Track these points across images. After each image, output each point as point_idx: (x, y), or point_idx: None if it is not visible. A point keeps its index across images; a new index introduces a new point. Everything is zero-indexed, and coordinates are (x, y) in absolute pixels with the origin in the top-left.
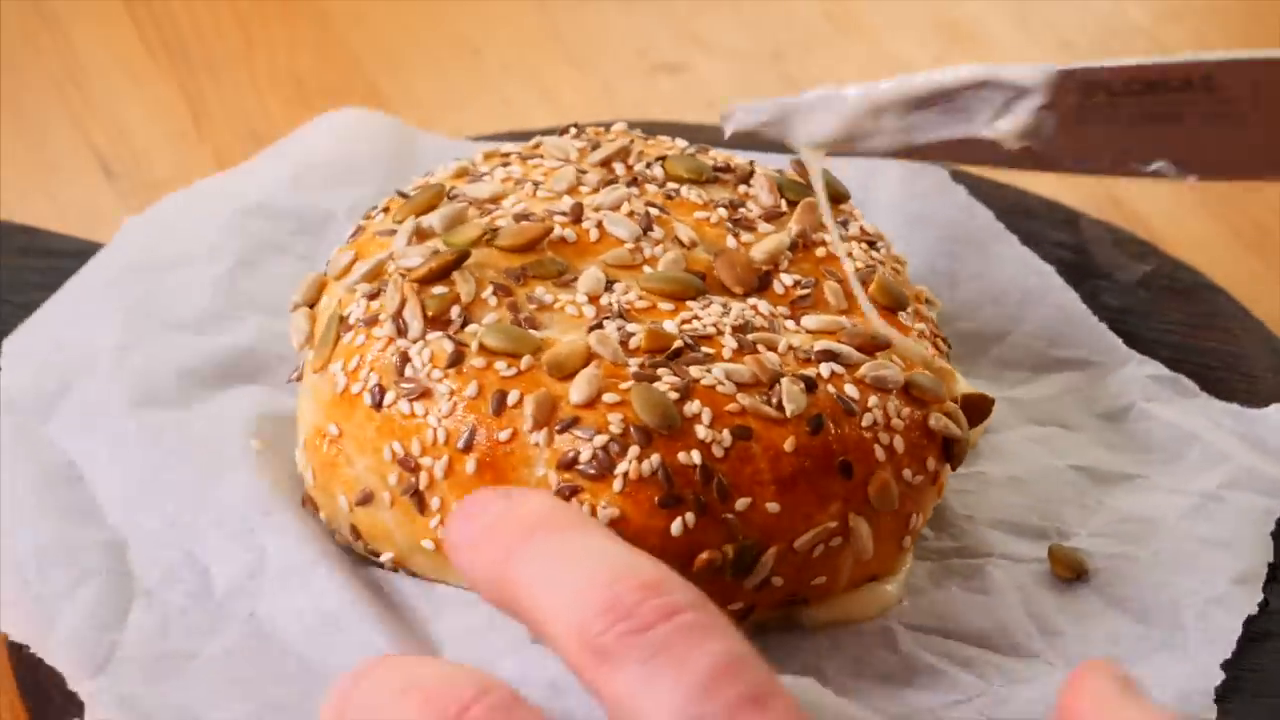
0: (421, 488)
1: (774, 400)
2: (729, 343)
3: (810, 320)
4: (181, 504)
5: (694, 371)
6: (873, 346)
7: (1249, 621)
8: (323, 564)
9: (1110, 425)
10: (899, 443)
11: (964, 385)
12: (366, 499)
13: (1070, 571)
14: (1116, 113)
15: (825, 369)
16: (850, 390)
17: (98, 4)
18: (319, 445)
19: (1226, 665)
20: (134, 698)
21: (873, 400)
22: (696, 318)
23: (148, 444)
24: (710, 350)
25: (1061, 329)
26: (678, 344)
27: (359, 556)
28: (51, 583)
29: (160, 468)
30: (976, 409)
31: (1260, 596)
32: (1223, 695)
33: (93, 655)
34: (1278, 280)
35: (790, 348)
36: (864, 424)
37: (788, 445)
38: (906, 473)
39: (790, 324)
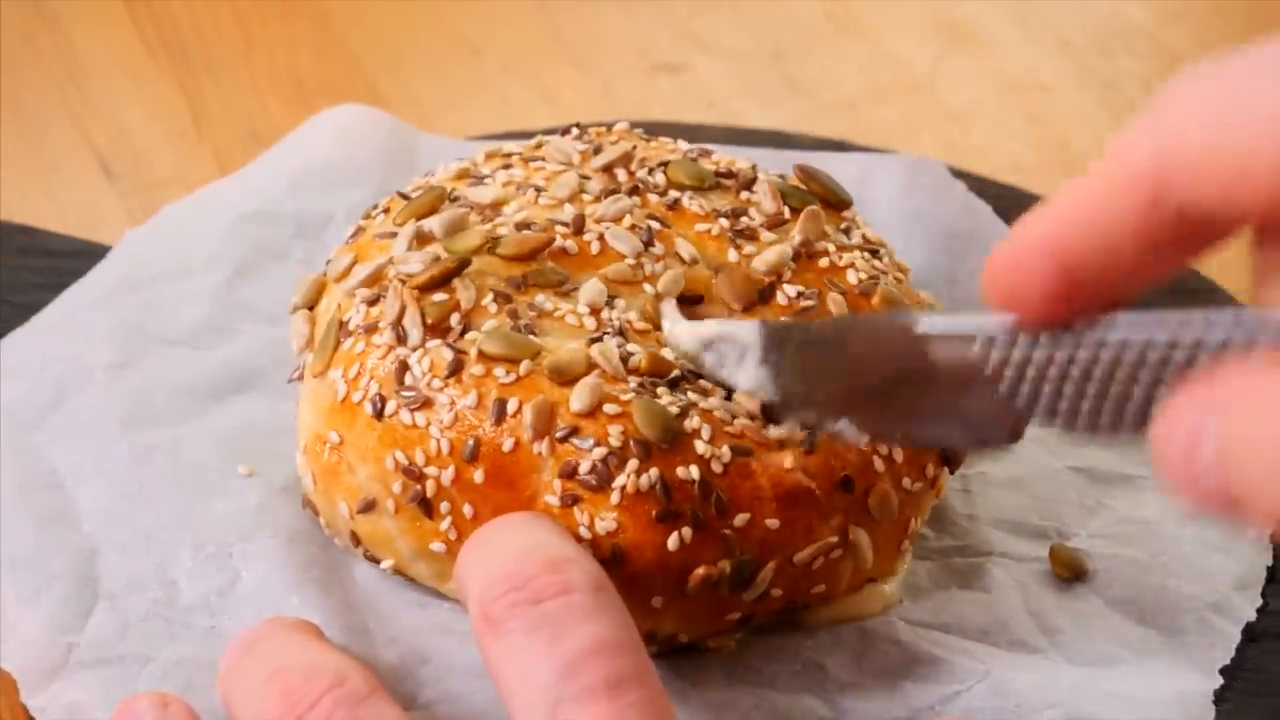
0: (429, 495)
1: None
2: None
3: None
4: (161, 522)
5: (692, 396)
6: None
7: (1248, 621)
8: (297, 594)
9: None
10: (897, 453)
11: None
12: (368, 507)
13: (1070, 571)
14: (807, 368)
15: None
16: None
17: (98, 4)
18: (319, 452)
19: (1224, 667)
20: (83, 705)
21: None
22: None
23: (136, 464)
24: (708, 386)
25: None
26: (676, 373)
27: (343, 576)
28: (17, 586)
29: (145, 485)
30: None
31: (1259, 602)
32: (1221, 695)
33: (50, 658)
34: None
35: None
36: None
37: (788, 463)
38: (906, 481)
39: None
